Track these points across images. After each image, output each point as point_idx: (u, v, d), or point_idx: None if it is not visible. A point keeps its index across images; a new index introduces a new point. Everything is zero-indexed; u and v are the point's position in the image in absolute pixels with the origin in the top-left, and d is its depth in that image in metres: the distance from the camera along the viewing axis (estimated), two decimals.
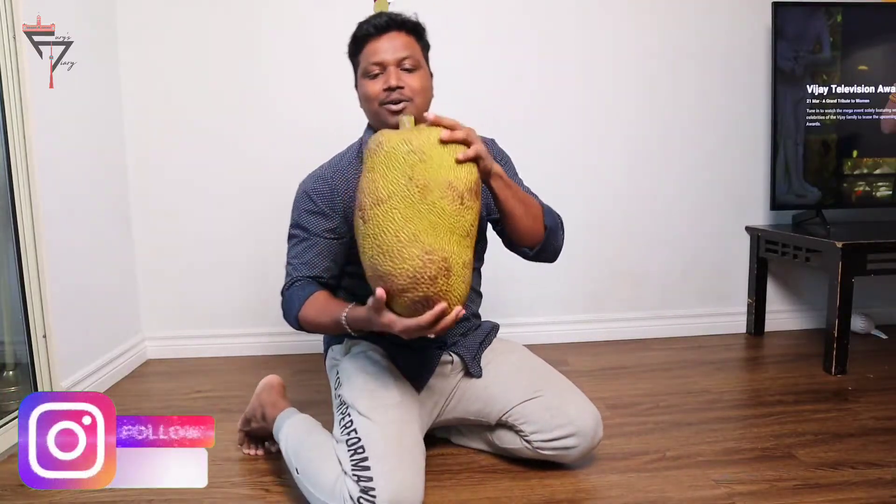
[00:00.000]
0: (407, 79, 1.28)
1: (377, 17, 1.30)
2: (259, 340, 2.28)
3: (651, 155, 2.36)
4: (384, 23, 1.29)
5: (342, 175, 1.34)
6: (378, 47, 1.28)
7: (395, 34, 1.29)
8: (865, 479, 1.32)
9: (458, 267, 1.06)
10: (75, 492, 1.32)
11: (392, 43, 1.28)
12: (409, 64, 1.29)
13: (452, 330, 1.35)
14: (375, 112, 1.30)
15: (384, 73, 1.28)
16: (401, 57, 1.28)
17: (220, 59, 2.19)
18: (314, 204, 1.32)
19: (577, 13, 2.27)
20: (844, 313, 1.93)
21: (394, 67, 1.27)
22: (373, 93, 1.28)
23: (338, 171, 1.35)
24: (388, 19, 1.29)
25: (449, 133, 1.08)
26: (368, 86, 1.29)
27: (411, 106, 1.28)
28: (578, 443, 1.31)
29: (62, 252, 1.77)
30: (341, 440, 1.22)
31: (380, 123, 1.30)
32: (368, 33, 1.29)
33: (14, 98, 1.61)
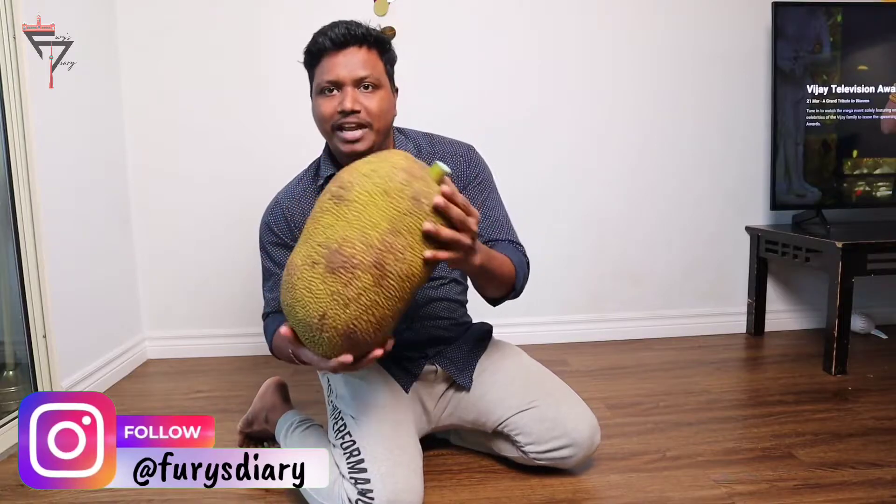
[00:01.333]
0: (365, 100, 1.17)
1: (334, 28, 1.18)
2: (259, 340, 2.28)
3: (651, 155, 2.36)
4: (342, 36, 1.17)
5: (298, 204, 1.29)
6: (335, 63, 1.17)
7: (353, 50, 1.17)
8: (865, 479, 1.32)
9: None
10: (75, 492, 1.32)
11: (350, 59, 1.17)
12: (368, 82, 1.17)
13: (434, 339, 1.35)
14: (328, 134, 1.21)
15: (340, 93, 1.17)
16: (359, 77, 1.17)
17: (221, 58, 2.19)
18: (276, 236, 1.30)
19: (577, 13, 2.27)
20: (844, 313, 1.93)
21: (351, 88, 1.17)
22: (326, 113, 1.18)
23: (293, 200, 1.30)
24: (346, 32, 1.17)
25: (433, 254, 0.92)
26: (322, 105, 1.19)
27: (369, 132, 1.18)
28: (574, 452, 1.30)
29: (62, 252, 1.77)
30: (336, 444, 1.22)
31: (332, 146, 1.23)
32: (324, 48, 1.18)
33: (14, 98, 1.61)
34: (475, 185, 1.32)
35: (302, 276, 0.92)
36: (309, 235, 0.94)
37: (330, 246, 0.90)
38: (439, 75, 2.23)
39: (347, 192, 0.92)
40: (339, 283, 0.90)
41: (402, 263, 0.91)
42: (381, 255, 0.90)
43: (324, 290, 0.90)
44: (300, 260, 0.93)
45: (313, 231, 0.94)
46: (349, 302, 0.90)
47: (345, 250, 0.90)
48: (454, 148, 1.34)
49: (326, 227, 0.92)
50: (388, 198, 0.91)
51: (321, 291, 0.90)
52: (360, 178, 0.93)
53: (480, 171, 1.34)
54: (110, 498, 1.31)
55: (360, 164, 0.97)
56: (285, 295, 0.96)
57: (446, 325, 1.38)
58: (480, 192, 1.32)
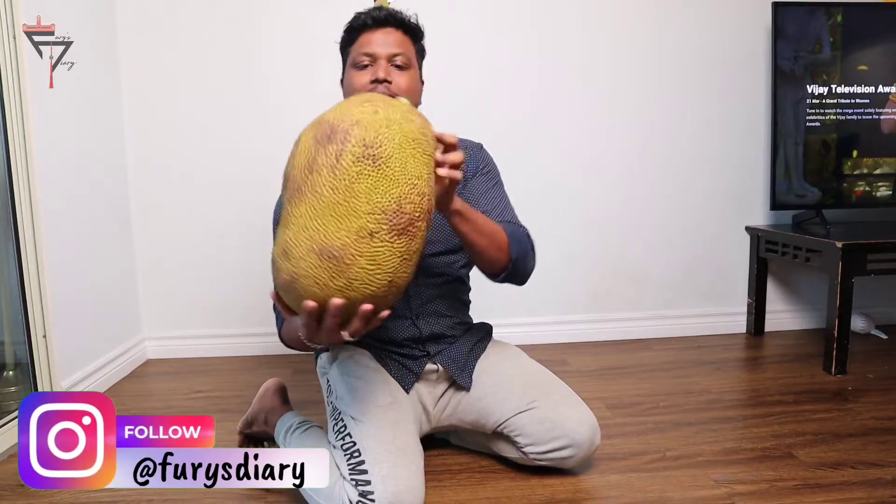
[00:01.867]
0: (396, 76, 1.24)
1: (377, 10, 1.27)
2: (259, 340, 2.28)
3: (651, 155, 2.36)
4: (383, 16, 1.26)
5: None
6: (372, 39, 1.25)
7: (391, 30, 1.26)
8: (865, 479, 1.32)
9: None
10: (75, 492, 1.32)
11: (387, 38, 1.25)
12: (400, 61, 1.25)
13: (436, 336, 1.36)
14: None
15: (373, 66, 1.24)
16: (393, 52, 1.24)
17: (221, 58, 2.19)
18: None
19: (577, 13, 2.27)
20: (844, 313, 1.93)
21: (384, 61, 1.23)
22: (358, 84, 1.24)
23: None
24: (388, 14, 1.26)
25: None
26: (355, 77, 1.25)
27: None
28: (574, 453, 1.30)
29: (62, 252, 1.77)
30: (337, 445, 1.22)
31: None
32: (365, 24, 1.26)
33: (14, 98, 1.61)
34: (483, 174, 1.38)
35: (360, 251, 0.84)
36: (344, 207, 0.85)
37: (387, 210, 0.85)
38: (439, 75, 2.22)
39: (378, 148, 0.86)
40: (406, 241, 0.87)
41: (433, 202, 0.93)
42: (430, 200, 0.90)
43: (392, 255, 0.86)
44: (347, 237, 0.84)
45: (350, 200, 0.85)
46: (412, 256, 0.89)
47: (405, 208, 0.86)
48: (469, 142, 1.41)
49: (370, 191, 0.85)
50: (415, 144, 0.90)
51: (389, 258, 0.85)
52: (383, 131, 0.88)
53: (488, 163, 1.41)
54: (110, 498, 1.31)
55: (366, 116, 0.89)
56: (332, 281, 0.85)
57: (450, 324, 1.39)
58: (487, 180, 1.37)
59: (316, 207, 0.86)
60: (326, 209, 0.85)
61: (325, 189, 0.86)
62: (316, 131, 0.90)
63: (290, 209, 0.89)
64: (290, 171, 0.91)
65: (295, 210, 0.88)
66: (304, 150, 0.90)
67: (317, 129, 0.90)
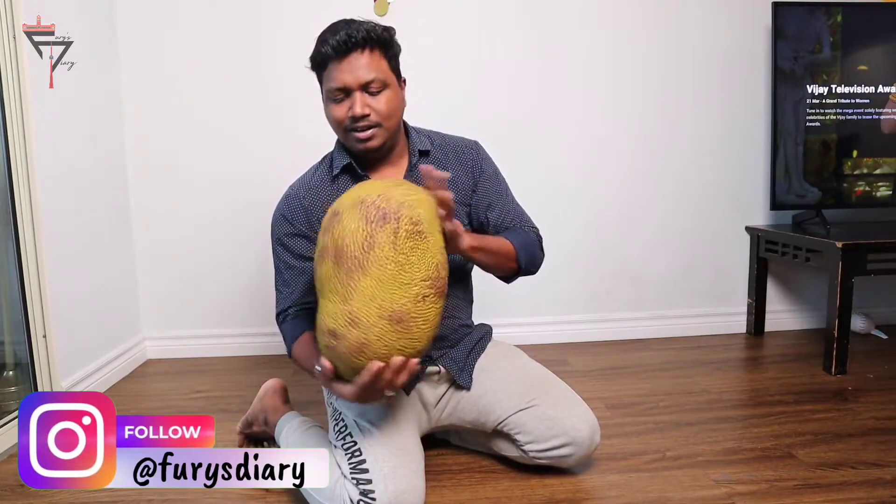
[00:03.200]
0: (373, 103, 1.22)
1: (335, 34, 1.20)
2: (259, 340, 2.28)
3: (651, 155, 2.36)
4: (343, 43, 1.19)
5: (315, 194, 1.32)
6: (339, 71, 1.20)
7: (356, 55, 1.20)
8: (865, 479, 1.32)
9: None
10: (75, 492, 1.32)
11: (354, 64, 1.20)
12: (374, 88, 1.22)
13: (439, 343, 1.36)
14: (342, 135, 1.28)
15: (349, 98, 1.22)
16: (365, 81, 1.21)
17: (221, 58, 2.19)
18: (292, 226, 1.31)
19: (577, 13, 2.27)
20: (844, 313, 1.93)
21: (359, 92, 1.21)
22: (338, 118, 1.24)
23: (310, 190, 1.32)
24: (347, 38, 1.19)
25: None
26: (334, 110, 1.24)
27: (379, 130, 1.24)
28: (574, 451, 1.30)
29: (62, 252, 1.77)
30: (338, 445, 1.22)
31: (347, 144, 1.29)
32: (328, 56, 1.21)
33: (14, 98, 1.61)
34: (487, 177, 1.38)
35: (419, 313, 1.00)
36: (402, 277, 0.99)
37: (430, 276, 1.01)
38: (438, 76, 2.23)
39: (422, 225, 1.02)
40: (443, 300, 1.05)
41: None
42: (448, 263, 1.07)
43: (436, 314, 1.03)
44: (409, 303, 0.99)
45: (406, 272, 0.99)
46: (443, 310, 1.06)
47: (442, 273, 1.04)
48: (463, 143, 1.40)
49: (420, 260, 1.01)
50: (434, 217, 1.06)
51: (435, 316, 1.03)
52: (420, 212, 1.03)
53: (488, 164, 1.41)
54: (110, 498, 1.31)
55: (404, 197, 1.04)
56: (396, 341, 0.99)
57: (453, 326, 1.39)
58: (491, 184, 1.38)
59: (382, 279, 0.98)
60: (392, 280, 0.99)
61: (388, 263, 0.99)
62: (365, 213, 1.01)
63: (346, 281, 0.99)
64: (343, 246, 1.00)
65: (358, 284, 0.99)
66: (356, 228, 1.00)
67: (365, 210, 1.01)
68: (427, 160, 1.34)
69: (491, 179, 1.39)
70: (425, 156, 1.34)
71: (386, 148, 1.28)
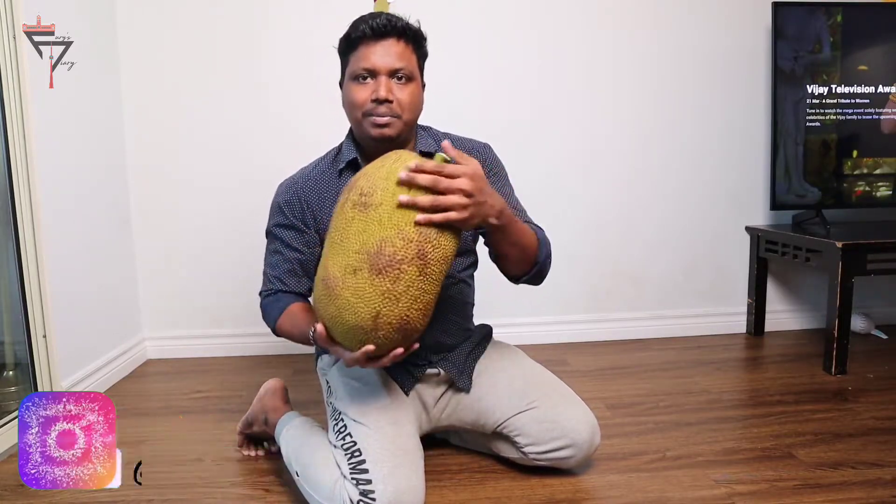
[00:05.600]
0: (398, 92, 1.21)
1: (375, 18, 1.21)
2: (259, 340, 2.28)
3: (651, 155, 2.36)
4: (382, 26, 1.19)
5: (314, 187, 1.32)
6: (372, 52, 1.20)
7: (392, 41, 1.20)
8: (865, 479, 1.32)
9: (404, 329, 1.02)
10: (75, 492, 1.32)
11: (388, 50, 1.20)
12: (402, 76, 1.21)
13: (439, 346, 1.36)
14: (357, 120, 1.24)
15: (374, 81, 1.21)
16: (395, 68, 1.20)
17: (221, 58, 2.19)
18: (285, 216, 1.32)
19: (577, 14, 2.27)
20: (844, 313, 1.93)
21: (385, 77, 1.20)
22: (359, 100, 1.22)
23: (310, 181, 1.33)
24: (388, 23, 1.20)
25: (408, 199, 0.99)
26: (355, 91, 1.22)
27: (397, 121, 1.22)
28: (574, 453, 1.30)
29: (62, 252, 1.77)
30: (337, 445, 1.22)
31: (360, 131, 1.27)
32: (364, 35, 1.20)
33: (14, 98, 1.61)
34: (494, 178, 1.36)
35: (346, 284, 0.98)
36: (340, 246, 1.00)
37: (369, 250, 0.97)
38: (438, 76, 2.22)
39: (370, 196, 0.99)
40: (387, 281, 0.96)
41: (438, 249, 0.99)
42: (421, 246, 0.98)
43: (373, 292, 0.96)
44: (338, 271, 0.99)
45: (344, 241, 0.99)
46: (399, 296, 0.97)
47: (386, 250, 0.96)
48: (473, 145, 1.40)
49: (359, 233, 0.98)
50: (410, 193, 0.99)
51: (371, 293, 0.96)
52: (379, 182, 1.00)
53: (498, 165, 1.40)
54: (110, 498, 1.31)
55: (373, 169, 1.03)
56: (328, 307, 1.00)
57: (453, 330, 1.39)
58: (498, 186, 1.36)
59: (327, 244, 1.04)
60: (331, 245, 1.02)
61: (332, 230, 1.03)
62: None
63: None
64: None
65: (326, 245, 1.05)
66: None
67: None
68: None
69: (498, 178, 1.38)
70: (430, 157, 1.34)
71: (399, 141, 1.26)
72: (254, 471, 1.43)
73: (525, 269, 1.25)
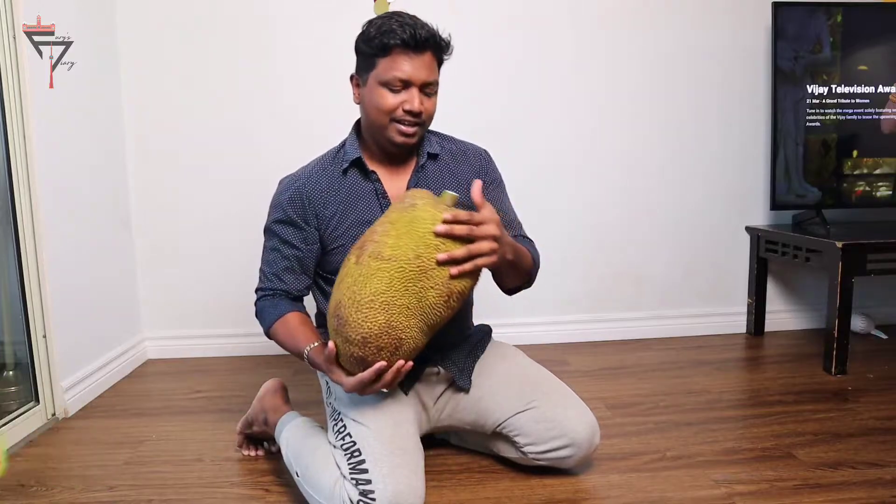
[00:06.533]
0: (426, 103, 1.26)
1: (418, 28, 1.21)
2: (259, 340, 2.28)
3: (651, 155, 2.36)
4: (424, 39, 1.22)
5: (315, 183, 1.33)
6: (409, 63, 1.22)
7: (428, 54, 1.24)
8: (865, 479, 1.32)
9: (408, 350, 1.10)
10: (75, 492, 1.33)
11: (423, 63, 1.23)
12: (430, 91, 1.27)
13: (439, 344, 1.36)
14: (382, 125, 1.26)
15: (406, 91, 1.24)
16: (428, 81, 1.25)
17: (221, 58, 2.19)
18: (285, 213, 1.33)
19: (575, 14, 2.27)
20: (844, 313, 1.93)
21: (417, 89, 1.24)
22: (389, 106, 1.24)
23: (311, 178, 1.34)
24: (430, 36, 1.23)
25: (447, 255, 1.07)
26: (385, 97, 1.24)
27: (421, 130, 1.29)
28: (573, 453, 1.30)
29: (62, 252, 1.77)
30: (337, 445, 1.22)
31: (381, 134, 1.28)
32: (404, 44, 1.21)
33: (14, 98, 1.61)
34: (493, 188, 1.40)
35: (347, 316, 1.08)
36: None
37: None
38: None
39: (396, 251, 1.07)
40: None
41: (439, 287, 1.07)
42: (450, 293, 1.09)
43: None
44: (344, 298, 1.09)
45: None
46: None
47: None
48: (474, 149, 1.43)
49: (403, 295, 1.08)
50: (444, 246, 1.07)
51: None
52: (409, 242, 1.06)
53: (497, 175, 1.43)
54: (110, 498, 1.31)
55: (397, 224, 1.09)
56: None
57: (454, 330, 1.39)
58: (497, 195, 1.40)
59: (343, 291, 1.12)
60: None
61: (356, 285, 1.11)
62: None
63: None
64: None
65: None
66: None
67: None
68: (435, 163, 1.36)
69: (496, 188, 1.41)
70: (433, 159, 1.36)
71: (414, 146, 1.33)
72: (254, 471, 1.43)
73: (519, 283, 1.33)
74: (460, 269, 1.06)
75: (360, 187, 1.32)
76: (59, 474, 1.41)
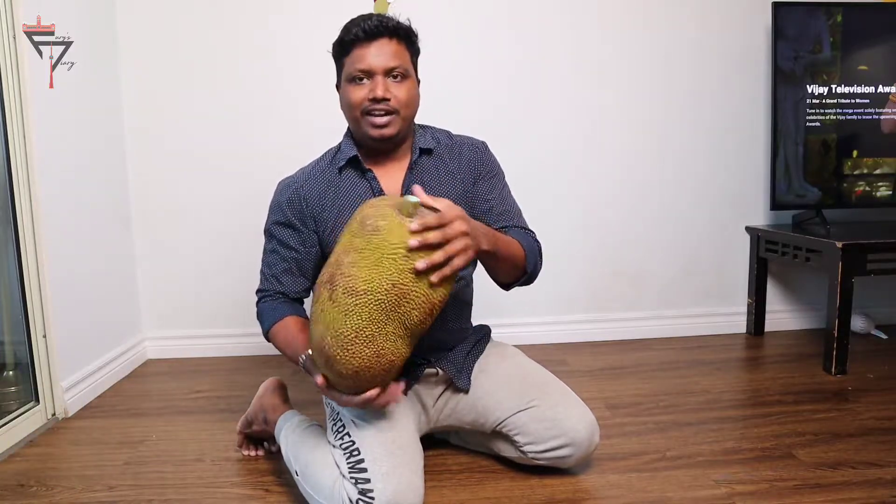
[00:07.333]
0: (394, 89, 1.24)
1: (366, 20, 1.23)
2: (259, 340, 2.26)
3: (651, 155, 2.36)
4: (374, 28, 1.22)
5: (313, 185, 1.33)
6: (366, 53, 1.22)
7: (385, 41, 1.23)
8: (865, 479, 1.32)
9: (401, 366, 1.08)
10: (75, 492, 1.32)
11: (381, 50, 1.23)
12: (397, 74, 1.24)
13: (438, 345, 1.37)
14: (356, 119, 1.27)
15: (370, 81, 1.23)
16: (390, 66, 1.23)
17: (220, 57, 2.19)
18: (284, 215, 1.33)
19: (575, 14, 2.27)
20: (844, 313, 1.93)
21: (381, 76, 1.23)
22: (356, 100, 1.24)
23: (310, 180, 1.34)
24: (379, 24, 1.22)
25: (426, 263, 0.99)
26: (352, 92, 1.25)
27: (396, 118, 1.25)
28: (573, 452, 1.30)
29: (62, 252, 1.77)
30: (336, 444, 1.22)
31: (359, 131, 1.29)
32: (357, 38, 1.23)
33: (14, 98, 1.61)
34: (488, 179, 1.37)
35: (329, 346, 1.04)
36: None
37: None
38: (437, 75, 2.23)
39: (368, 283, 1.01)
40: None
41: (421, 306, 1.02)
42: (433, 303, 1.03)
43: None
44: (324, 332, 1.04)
45: None
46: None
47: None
48: (471, 142, 1.41)
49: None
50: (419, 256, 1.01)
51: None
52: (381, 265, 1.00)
53: (493, 165, 1.40)
54: (110, 498, 1.31)
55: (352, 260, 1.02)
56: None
57: (453, 330, 1.39)
58: (494, 185, 1.38)
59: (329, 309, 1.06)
60: None
61: None
62: None
63: None
64: None
65: None
66: None
67: None
68: (430, 158, 1.35)
69: (492, 179, 1.38)
70: (428, 154, 1.35)
71: (398, 139, 1.29)
72: (254, 471, 1.43)
73: (515, 277, 1.28)
74: (441, 275, 1.00)
75: (357, 186, 1.32)
76: (59, 474, 1.41)
